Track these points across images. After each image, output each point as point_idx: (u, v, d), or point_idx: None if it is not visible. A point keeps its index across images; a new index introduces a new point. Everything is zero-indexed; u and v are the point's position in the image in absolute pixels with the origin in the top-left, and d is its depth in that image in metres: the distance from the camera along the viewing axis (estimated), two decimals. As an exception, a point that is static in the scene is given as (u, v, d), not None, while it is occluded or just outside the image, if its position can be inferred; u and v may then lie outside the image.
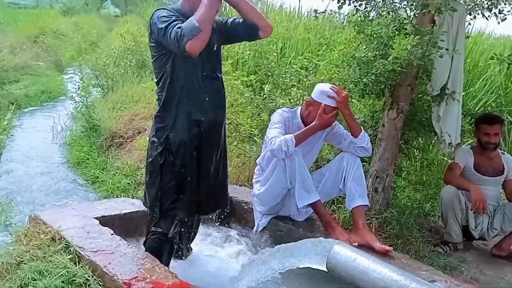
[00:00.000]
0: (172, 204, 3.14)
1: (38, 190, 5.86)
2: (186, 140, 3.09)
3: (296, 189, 3.69)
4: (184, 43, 2.72)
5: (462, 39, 4.20)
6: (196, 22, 2.76)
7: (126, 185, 5.76)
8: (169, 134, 3.08)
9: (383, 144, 4.39)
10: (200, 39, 2.76)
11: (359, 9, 4.21)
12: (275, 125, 3.73)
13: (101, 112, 7.74)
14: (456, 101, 4.25)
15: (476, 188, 4.16)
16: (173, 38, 2.76)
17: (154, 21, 2.91)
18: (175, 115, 3.07)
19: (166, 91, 3.06)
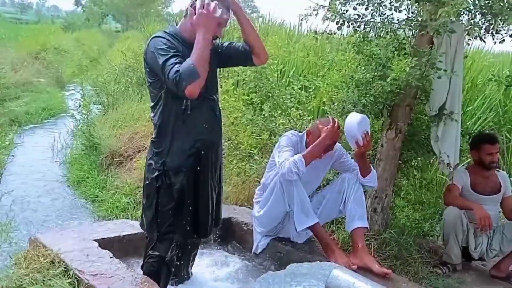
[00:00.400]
0: (169, 227, 3.13)
1: (38, 209, 5.86)
2: (182, 164, 3.08)
3: (295, 213, 3.71)
4: (184, 87, 2.73)
5: (460, 59, 4.22)
6: (194, 66, 2.75)
7: (125, 204, 5.75)
8: (165, 159, 3.08)
9: (382, 164, 4.40)
10: (198, 83, 2.77)
11: (358, 30, 4.23)
12: (285, 148, 3.75)
13: (101, 130, 7.76)
14: (454, 122, 4.26)
15: (479, 206, 4.17)
16: (172, 81, 2.75)
17: (151, 51, 2.91)
18: (171, 139, 3.07)
19: (161, 116, 3.06)
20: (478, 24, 3.88)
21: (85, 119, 8.12)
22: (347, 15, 4.09)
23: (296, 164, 3.55)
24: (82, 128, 8.10)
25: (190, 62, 2.76)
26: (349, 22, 4.14)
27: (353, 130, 3.69)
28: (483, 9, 3.66)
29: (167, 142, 3.08)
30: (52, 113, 11.36)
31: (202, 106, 3.10)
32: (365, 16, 4.14)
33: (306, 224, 3.71)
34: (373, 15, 4.13)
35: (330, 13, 4.01)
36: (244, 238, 4.32)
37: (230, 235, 4.38)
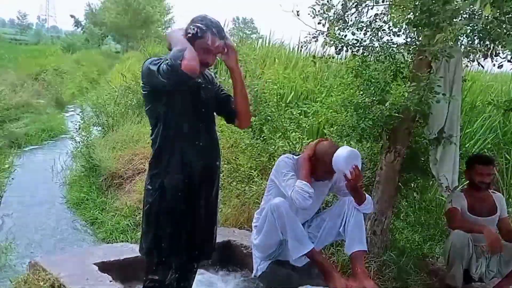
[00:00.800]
0: (168, 251, 3.13)
1: (37, 231, 5.87)
2: (180, 187, 3.09)
3: (289, 241, 3.73)
4: (178, 66, 2.76)
5: (458, 83, 4.25)
6: (175, 49, 2.84)
7: (125, 226, 5.77)
8: (163, 181, 3.09)
9: (381, 187, 4.41)
10: (189, 55, 2.80)
11: (357, 55, 4.27)
12: (287, 175, 3.76)
13: (101, 152, 7.78)
14: (453, 145, 4.28)
15: (489, 229, 4.16)
16: (167, 70, 2.79)
17: (146, 68, 2.95)
18: (169, 162, 3.08)
19: (160, 139, 3.08)
20: (476, 48, 3.92)
21: (84, 141, 8.16)
22: (346, 40, 4.14)
23: (303, 189, 3.59)
24: (82, 150, 8.13)
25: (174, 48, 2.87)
26: (347, 46, 4.18)
27: (340, 164, 3.68)
28: (481, 34, 3.69)
29: (165, 164, 3.09)
30: (52, 135, 11.42)
31: (200, 129, 3.14)
32: (364, 41, 4.19)
33: (301, 252, 3.72)
34: (371, 39, 4.18)
35: (329, 39, 4.06)
36: (244, 261, 4.32)
37: (230, 258, 4.38)
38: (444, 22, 3.64)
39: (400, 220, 5.13)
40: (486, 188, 4.41)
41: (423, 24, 3.78)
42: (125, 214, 6.01)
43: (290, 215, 3.69)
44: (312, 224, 4.02)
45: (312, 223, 4.02)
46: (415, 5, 3.72)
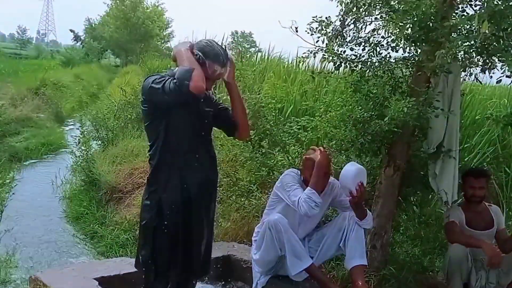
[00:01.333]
0: (165, 266, 3.14)
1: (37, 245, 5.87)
2: (178, 203, 3.10)
3: (287, 258, 3.76)
4: (187, 87, 2.77)
5: (457, 97, 4.26)
6: (182, 66, 2.85)
7: (124, 240, 5.78)
8: (161, 197, 3.10)
9: (380, 201, 4.42)
10: (197, 76, 2.81)
11: (355, 70, 4.30)
12: (293, 186, 3.79)
13: (101, 166, 7.81)
14: (452, 159, 4.29)
15: (489, 244, 4.16)
16: (173, 89, 2.81)
17: (147, 85, 2.97)
18: (167, 178, 3.09)
19: (158, 154, 3.09)
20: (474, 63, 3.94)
21: (84, 155, 8.16)
22: (345, 56, 4.17)
23: (311, 198, 3.62)
24: (82, 164, 8.13)
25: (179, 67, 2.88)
26: (346, 62, 4.21)
27: (348, 181, 3.74)
28: (479, 50, 3.72)
29: (164, 180, 3.10)
30: (52, 149, 11.44)
31: (198, 146, 3.16)
32: (362, 56, 4.22)
33: (300, 268, 3.75)
34: (370, 55, 4.20)
35: (327, 55, 4.09)
36: (243, 276, 4.31)
37: (230, 273, 4.37)
38: (442, 38, 3.67)
39: (400, 234, 5.14)
40: (479, 202, 4.39)
41: (421, 40, 3.82)
42: (124, 228, 6.02)
43: (288, 231, 3.72)
44: (313, 239, 4.03)
45: (313, 238, 4.03)
46: (413, 21, 3.75)
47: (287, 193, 3.78)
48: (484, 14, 3.31)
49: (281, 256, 3.82)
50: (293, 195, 3.72)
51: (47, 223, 6.70)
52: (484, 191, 4.38)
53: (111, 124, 10.26)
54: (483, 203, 4.45)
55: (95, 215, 6.78)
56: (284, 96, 8.67)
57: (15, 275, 4.87)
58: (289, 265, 3.76)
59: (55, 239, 6.15)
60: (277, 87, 8.65)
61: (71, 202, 7.49)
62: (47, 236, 6.25)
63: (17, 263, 5.16)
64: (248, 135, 3.49)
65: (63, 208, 7.34)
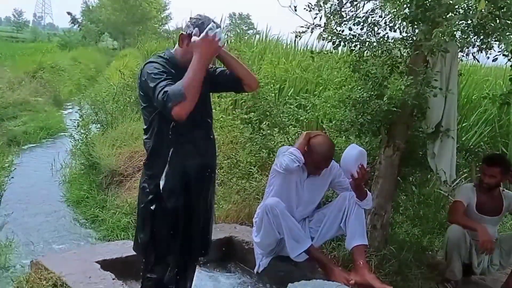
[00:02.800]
0: (165, 249, 3.14)
1: (38, 230, 5.87)
2: (176, 187, 3.07)
3: (286, 241, 3.80)
4: (170, 108, 2.72)
5: (455, 77, 4.26)
6: (182, 88, 2.74)
7: (126, 223, 5.77)
8: (159, 181, 3.06)
9: (380, 182, 4.43)
10: (185, 106, 2.74)
11: (354, 50, 4.28)
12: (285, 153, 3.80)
13: (101, 150, 7.77)
14: (450, 139, 4.30)
15: (484, 229, 4.18)
16: (160, 101, 2.76)
17: (145, 78, 2.91)
18: (164, 162, 3.05)
19: (154, 139, 3.06)
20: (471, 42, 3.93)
21: (84, 139, 8.12)
22: (343, 35, 4.15)
23: (292, 153, 3.69)
24: (81, 147, 8.09)
25: (180, 84, 2.76)
26: (345, 42, 4.19)
27: (349, 164, 3.78)
28: (476, 29, 3.70)
29: (161, 165, 3.06)
30: (51, 133, 11.39)
31: (196, 129, 3.11)
32: (361, 36, 4.20)
33: (299, 250, 3.80)
34: (368, 35, 4.19)
35: (326, 34, 4.07)
36: (245, 257, 4.34)
37: (231, 254, 4.40)
38: (440, 17, 3.66)
39: (399, 214, 5.16)
40: (490, 189, 4.39)
41: (418, 19, 3.80)
42: (125, 212, 6.01)
43: (285, 215, 3.75)
44: (313, 219, 4.06)
45: (313, 218, 4.06)
46: (410, 0, 3.73)
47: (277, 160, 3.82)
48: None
49: (281, 238, 3.84)
50: (281, 158, 3.76)
51: (47, 208, 6.69)
52: (494, 180, 4.35)
53: (110, 107, 10.19)
54: (498, 189, 4.44)
55: (95, 199, 6.77)
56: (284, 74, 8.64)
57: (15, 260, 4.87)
58: (288, 248, 3.81)
59: (55, 223, 6.15)
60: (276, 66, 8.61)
61: (71, 186, 7.47)
62: (48, 220, 6.24)
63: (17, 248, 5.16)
64: (257, 84, 3.34)
65: (63, 192, 7.32)
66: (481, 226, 4.19)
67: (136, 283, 3.71)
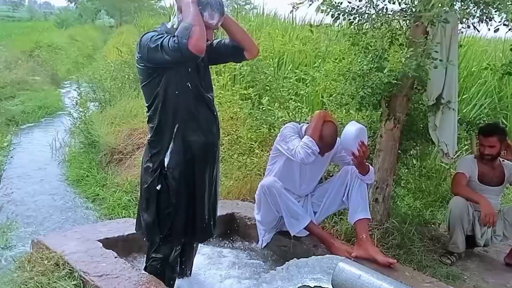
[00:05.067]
0: (170, 229, 3.12)
1: (38, 209, 5.85)
2: (182, 164, 3.05)
3: (285, 219, 3.82)
4: (186, 45, 2.70)
5: (455, 48, 4.21)
6: (185, 22, 2.76)
7: (126, 202, 5.76)
8: (164, 159, 3.04)
9: (381, 155, 4.41)
10: (197, 34, 2.73)
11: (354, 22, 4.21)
12: (292, 137, 3.79)
13: (100, 128, 7.74)
14: (451, 110, 4.27)
15: (486, 201, 4.18)
16: (173, 48, 2.73)
17: (145, 44, 2.88)
18: (170, 138, 3.03)
19: (159, 115, 3.02)
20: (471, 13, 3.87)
21: (82, 117, 8.09)
22: (342, 8, 4.08)
23: (308, 145, 3.63)
24: (80, 126, 8.07)
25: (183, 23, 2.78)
26: (344, 14, 4.12)
27: (349, 142, 3.75)
28: (475, -1, 3.65)
29: (165, 142, 3.04)
30: (49, 112, 11.33)
31: (199, 105, 3.08)
32: (360, 8, 4.13)
33: (298, 228, 3.82)
34: (367, 7, 4.12)
35: (324, 6, 4.00)
36: (248, 233, 4.34)
37: (234, 230, 4.40)
38: (440, -13, 3.60)
39: (401, 188, 5.14)
40: (490, 160, 4.38)
41: (418, -11, 3.74)
42: (126, 190, 5.99)
43: (282, 194, 3.76)
44: (315, 194, 4.06)
45: (315, 193, 4.06)
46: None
47: (286, 145, 3.79)
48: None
49: (281, 216, 3.84)
50: (291, 144, 3.73)
51: (47, 187, 6.67)
52: (494, 149, 4.35)
53: (108, 85, 10.15)
54: (498, 159, 4.43)
55: (95, 178, 6.75)
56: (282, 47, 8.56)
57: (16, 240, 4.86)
58: (287, 226, 3.84)
59: (55, 203, 6.13)
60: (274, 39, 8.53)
61: (70, 165, 7.44)
62: (48, 199, 6.22)
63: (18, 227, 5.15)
64: (258, 50, 3.28)
65: (62, 171, 7.30)
66: (484, 199, 4.18)
67: (138, 261, 3.71)
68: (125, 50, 11.56)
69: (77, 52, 21.32)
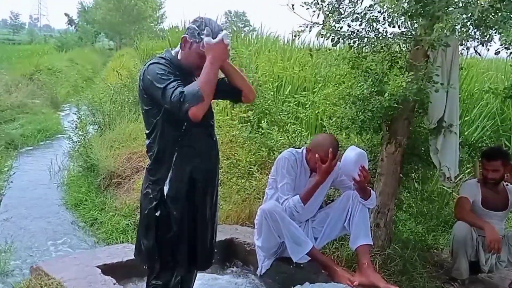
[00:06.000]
0: (170, 256, 3.08)
1: (37, 234, 5.82)
2: (181, 192, 3.01)
3: (287, 245, 3.76)
4: (186, 109, 2.68)
5: (456, 71, 4.21)
6: (200, 90, 2.71)
7: (125, 226, 5.73)
8: (163, 187, 3.00)
9: (383, 179, 4.37)
10: (202, 106, 2.72)
11: (353, 46, 4.22)
12: (284, 178, 3.80)
13: (99, 151, 7.73)
14: (453, 134, 4.25)
15: (491, 227, 4.11)
16: (175, 102, 2.69)
17: (148, 78, 2.84)
18: (169, 167, 2.99)
19: (158, 144, 2.98)
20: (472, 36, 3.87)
21: (81, 140, 8.09)
22: (342, 32, 4.08)
23: (295, 208, 3.72)
24: (79, 149, 8.06)
25: (196, 85, 2.73)
26: (343, 38, 4.12)
27: (350, 168, 3.72)
28: (476, 22, 3.64)
29: (164, 170, 3.00)
30: (48, 135, 11.34)
31: (200, 132, 3.04)
32: (360, 32, 4.13)
33: (300, 254, 3.75)
34: (367, 31, 4.12)
35: (324, 31, 4.00)
36: (247, 259, 4.30)
37: (233, 256, 4.35)
38: (440, 11, 3.61)
39: (402, 212, 5.11)
40: (493, 184, 4.34)
41: (418, 14, 3.74)
42: (124, 214, 5.97)
43: (284, 218, 3.73)
44: (316, 219, 4.01)
45: (316, 218, 4.02)
46: (409, -5, 3.67)
47: (279, 184, 3.83)
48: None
49: (282, 241, 3.80)
50: (282, 193, 3.81)
51: (46, 211, 6.64)
52: (498, 173, 4.29)
53: (108, 108, 10.15)
54: (502, 183, 4.39)
55: (94, 202, 6.72)
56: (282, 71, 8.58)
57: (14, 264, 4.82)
58: (290, 252, 3.77)
59: (54, 227, 6.10)
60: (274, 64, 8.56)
61: (69, 188, 7.42)
62: (46, 224, 6.20)
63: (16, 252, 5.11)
64: (254, 96, 3.33)
65: (61, 195, 7.28)
66: (488, 225, 4.13)
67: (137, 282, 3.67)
68: (125, 73, 11.59)
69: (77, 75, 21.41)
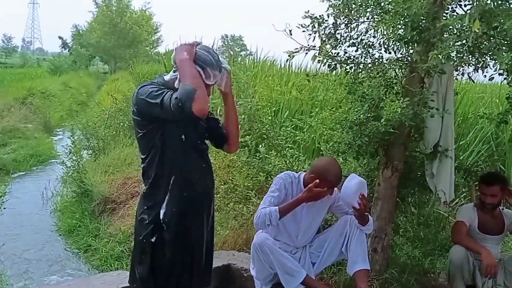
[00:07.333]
0: (166, 282, 3.04)
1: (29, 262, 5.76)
2: (178, 216, 2.99)
3: (280, 276, 3.73)
4: (189, 108, 2.65)
5: (451, 96, 4.24)
6: (188, 85, 2.71)
7: (119, 252, 5.67)
8: (159, 212, 2.98)
9: (380, 203, 4.36)
10: (201, 98, 2.68)
11: (350, 72, 4.23)
12: (271, 194, 3.75)
13: (93, 176, 7.69)
14: (449, 158, 4.25)
15: (488, 252, 4.09)
16: (176, 109, 2.67)
17: (142, 97, 2.83)
18: (165, 191, 2.98)
19: (155, 168, 2.97)
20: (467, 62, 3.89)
21: (75, 165, 8.03)
22: (338, 58, 4.10)
23: (270, 217, 3.59)
24: (73, 175, 8.00)
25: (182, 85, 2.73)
26: (340, 63, 4.14)
27: (350, 196, 3.70)
28: (471, 49, 3.67)
29: (161, 194, 2.98)
30: (41, 160, 11.31)
31: (196, 156, 3.05)
32: (356, 58, 4.15)
33: (294, 284, 3.72)
34: (363, 56, 4.14)
35: (321, 56, 4.01)
36: (244, 285, 4.24)
37: (230, 282, 4.30)
38: (435, 38, 3.64)
39: (399, 236, 5.08)
40: (490, 210, 4.32)
41: (413, 40, 3.77)
42: (119, 240, 5.91)
43: (274, 251, 3.70)
44: (314, 245, 3.98)
45: (313, 244, 3.98)
46: (405, 22, 3.69)
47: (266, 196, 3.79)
48: (475, 13, 3.26)
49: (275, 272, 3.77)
50: (263, 202, 3.73)
51: (39, 238, 6.59)
52: (496, 198, 4.27)
53: (102, 133, 10.12)
54: (498, 208, 4.38)
55: (88, 228, 6.66)
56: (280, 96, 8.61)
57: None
58: (283, 283, 3.74)
59: (47, 254, 6.04)
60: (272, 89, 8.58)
61: (62, 214, 7.37)
62: (39, 251, 6.14)
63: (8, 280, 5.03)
64: (236, 149, 3.40)
65: (54, 221, 7.21)
66: (485, 249, 4.11)
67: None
68: (120, 98, 11.58)
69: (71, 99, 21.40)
